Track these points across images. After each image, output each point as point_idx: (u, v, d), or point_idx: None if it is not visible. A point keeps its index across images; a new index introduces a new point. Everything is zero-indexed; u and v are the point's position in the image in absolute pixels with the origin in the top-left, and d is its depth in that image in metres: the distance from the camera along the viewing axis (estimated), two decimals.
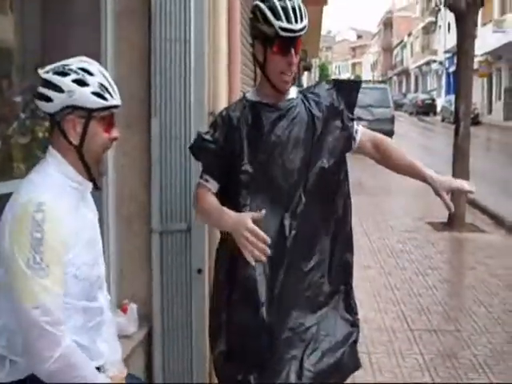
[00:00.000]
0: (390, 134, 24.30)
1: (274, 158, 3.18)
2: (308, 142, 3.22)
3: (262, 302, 3.12)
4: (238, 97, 4.54)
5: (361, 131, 3.46)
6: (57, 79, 2.48)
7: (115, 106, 2.58)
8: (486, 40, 40.07)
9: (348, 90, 3.44)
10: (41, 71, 2.53)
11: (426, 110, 54.72)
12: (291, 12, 3.06)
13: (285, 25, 3.05)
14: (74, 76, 2.48)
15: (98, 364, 2.58)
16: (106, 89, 2.52)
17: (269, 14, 3.07)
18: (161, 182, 3.97)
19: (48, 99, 2.49)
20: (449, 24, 50.33)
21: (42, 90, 2.51)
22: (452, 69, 44.75)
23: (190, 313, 4.00)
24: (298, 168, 3.19)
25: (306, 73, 48.67)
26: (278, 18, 3.05)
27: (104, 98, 2.51)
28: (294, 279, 3.21)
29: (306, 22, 3.12)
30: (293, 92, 3.31)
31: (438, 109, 51.97)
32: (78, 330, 2.46)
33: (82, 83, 2.48)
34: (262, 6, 3.10)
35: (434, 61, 66.69)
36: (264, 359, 3.14)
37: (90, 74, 2.51)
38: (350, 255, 3.46)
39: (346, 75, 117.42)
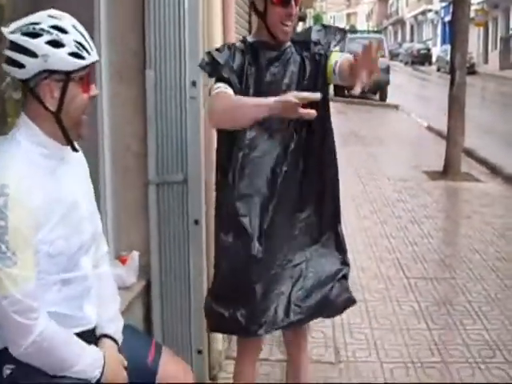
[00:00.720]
0: (385, 83, 24.25)
1: (268, 96, 3.15)
2: (299, 81, 3.23)
3: (253, 236, 3.16)
4: None
5: (343, 57, 3.25)
6: (28, 42, 2.25)
7: (93, 62, 2.40)
8: None
9: (334, 32, 3.38)
10: (5, 30, 2.29)
11: (421, 59, 54.42)
12: None
13: None
14: (47, 37, 2.26)
15: (87, 328, 2.54)
16: (83, 46, 2.33)
17: None
18: (156, 134, 3.95)
19: (20, 65, 2.26)
20: None
21: (10, 53, 2.27)
22: (448, 18, 44.31)
23: (187, 264, 4.01)
24: None
25: (300, 23, 48.20)
26: None
27: (82, 58, 2.32)
28: (283, 216, 3.25)
29: None
30: None
31: (434, 59, 51.69)
32: (58, 302, 2.40)
33: (57, 44, 2.26)
34: None
35: (430, 10, 66.11)
36: (252, 294, 3.18)
37: (64, 31, 2.29)
38: (337, 196, 3.46)
39: (341, 25, 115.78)
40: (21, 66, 2.27)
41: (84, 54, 2.33)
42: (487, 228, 8.44)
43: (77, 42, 2.31)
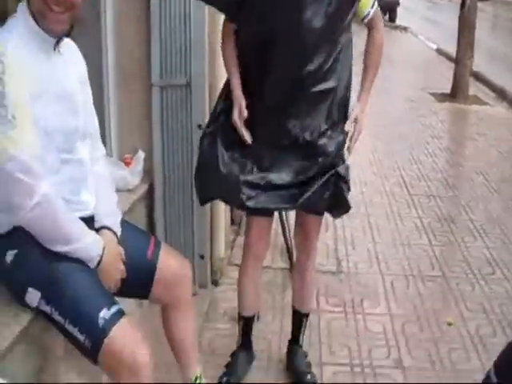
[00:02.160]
0: (395, 4, 23.88)
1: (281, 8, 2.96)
2: None
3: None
4: None
5: (370, 14, 3.20)
6: None
7: None
8: None
9: None
10: None
11: None
12: None
13: None
14: None
15: (84, 214, 2.53)
16: None
17: None
18: (160, 36, 3.89)
19: None
20: None
21: None
22: None
23: (190, 167, 3.98)
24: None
25: None
26: None
27: None
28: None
29: None
30: None
31: None
32: (56, 183, 2.38)
33: None
34: None
35: None
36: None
37: None
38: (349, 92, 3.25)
39: None
40: None
41: None
42: (491, 150, 8.38)
43: None
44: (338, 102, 3.12)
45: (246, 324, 3.58)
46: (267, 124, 3.09)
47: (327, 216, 3.36)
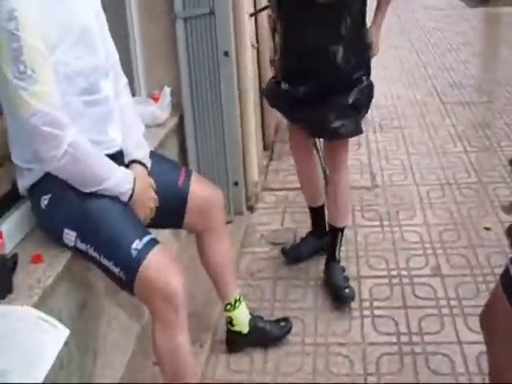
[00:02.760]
0: None
1: None
2: None
3: None
4: None
5: None
6: None
7: None
8: None
9: None
10: None
11: None
12: None
13: None
14: None
15: (113, 151, 2.56)
16: None
17: None
18: None
19: None
20: None
21: None
22: None
23: (219, 96, 4.01)
24: None
25: None
26: None
27: None
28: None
29: None
30: None
31: None
32: (83, 127, 2.41)
33: None
34: None
35: None
36: None
37: None
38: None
39: None
40: None
41: None
42: None
43: None
44: (349, 20, 3.27)
45: (313, 213, 4.00)
46: (294, 39, 3.34)
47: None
